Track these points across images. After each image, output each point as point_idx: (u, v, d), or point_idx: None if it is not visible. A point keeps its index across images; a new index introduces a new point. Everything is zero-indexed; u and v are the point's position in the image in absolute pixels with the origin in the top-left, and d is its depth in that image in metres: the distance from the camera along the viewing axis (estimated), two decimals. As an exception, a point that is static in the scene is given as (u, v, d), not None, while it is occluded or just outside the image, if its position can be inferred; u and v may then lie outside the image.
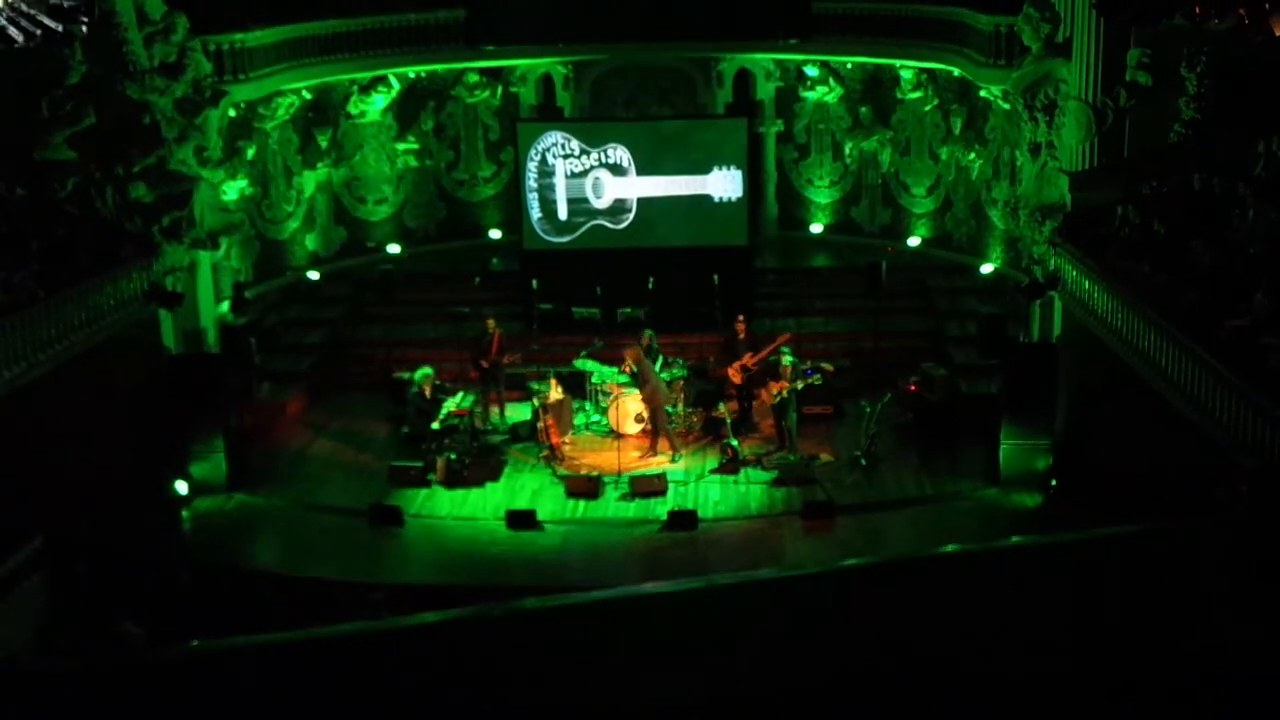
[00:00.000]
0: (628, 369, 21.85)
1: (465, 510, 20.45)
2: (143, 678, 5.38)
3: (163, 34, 22.20)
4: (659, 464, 21.50)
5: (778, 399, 21.62)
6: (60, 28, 23.68)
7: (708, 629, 6.05)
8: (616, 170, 25.91)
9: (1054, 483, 20.27)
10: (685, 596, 11.22)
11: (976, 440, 21.56)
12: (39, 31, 24.16)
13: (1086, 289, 19.65)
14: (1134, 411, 17.84)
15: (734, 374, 22.58)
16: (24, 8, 23.20)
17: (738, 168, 25.89)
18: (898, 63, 27.63)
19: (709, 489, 20.88)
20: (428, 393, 21.98)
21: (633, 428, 22.29)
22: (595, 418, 22.99)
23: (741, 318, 23.11)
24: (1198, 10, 19.21)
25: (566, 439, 22.29)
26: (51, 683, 5.35)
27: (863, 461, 21.33)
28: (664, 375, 22.22)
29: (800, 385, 21.48)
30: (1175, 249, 18.21)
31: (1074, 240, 20.49)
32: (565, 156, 25.92)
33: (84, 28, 21.36)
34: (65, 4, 21.74)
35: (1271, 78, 19.80)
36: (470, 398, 22.61)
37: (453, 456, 21.26)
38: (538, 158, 25.98)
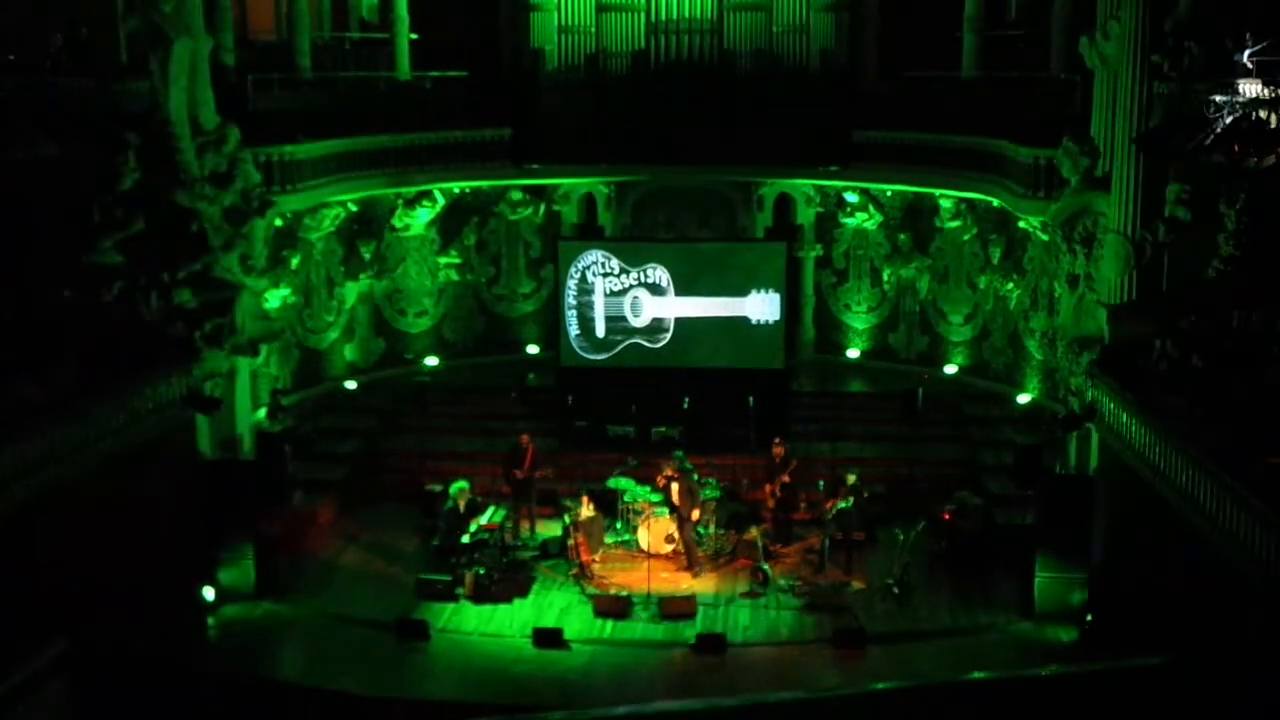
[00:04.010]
0: (662, 481, 22.04)
1: (492, 626, 20.23)
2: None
3: (215, 144, 22.53)
4: (689, 586, 21.25)
5: (832, 514, 21.72)
6: None
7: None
8: (655, 290, 26.04)
9: (1089, 618, 19.87)
10: (710, 715, 11.01)
11: (1010, 572, 21.27)
12: None
13: (1124, 422, 19.42)
14: (1171, 547, 17.51)
15: (765, 494, 22.64)
16: None
17: (776, 291, 25.99)
18: (937, 192, 27.77)
19: (739, 613, 20.63)
20: (461, 506, 21.87)
21: (664, 548, 22.11)
22: (626, 537, 22.80)
23: (778, 440, 23.00)
24: (1236, 149, 19.19)
25: (596, 557, 22.10)
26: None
27: (895, 590, 21.05)
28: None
29: (844, 504, 21.47)
30: (1213, 384, 18.01)
31: (1111, 373, 20.32)
32: (605, 275, 26.10)
33: (139, 135, 21.68)
34: (125, 112, 22.09)
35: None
36: (501, 512, 22.46)
37: (481, 571, 21.10)
38: (578, 275, 26.16)
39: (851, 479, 22.03)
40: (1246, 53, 19.44)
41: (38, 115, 20.56)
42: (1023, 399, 26.29)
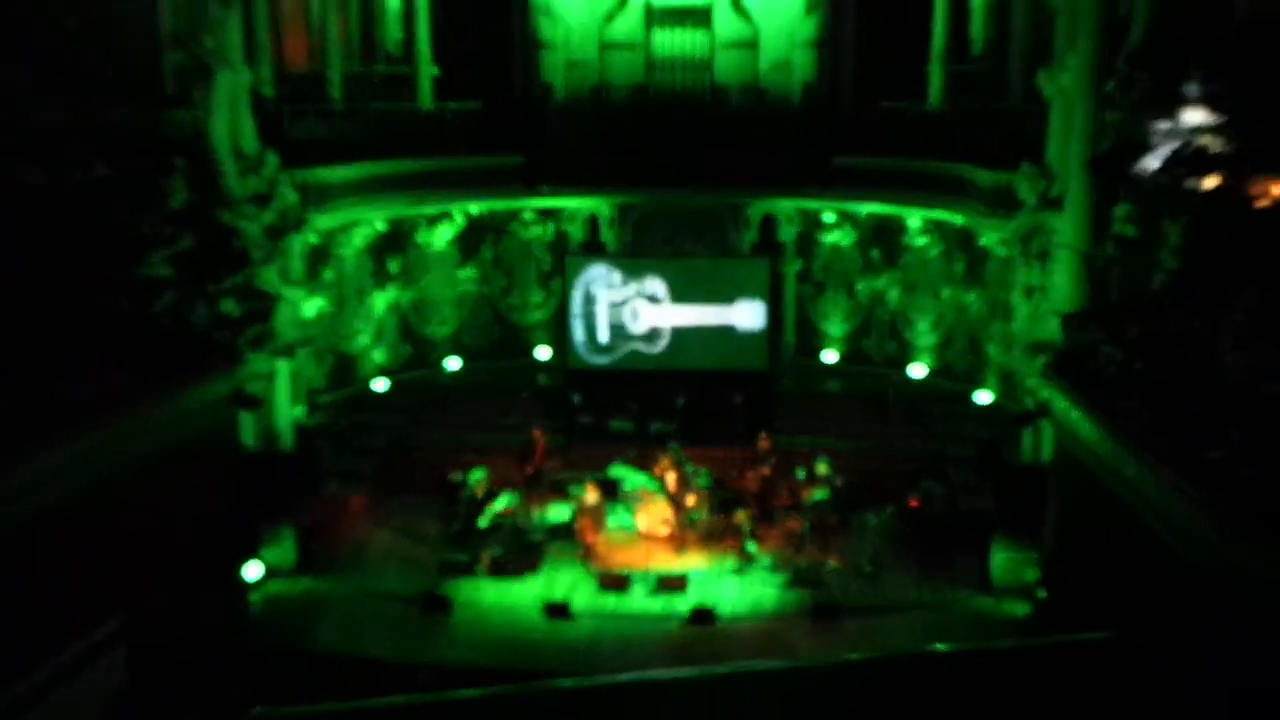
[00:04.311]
0: (659, 470, 22.38)
1: (507, 600, 20.65)
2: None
3: (254, 168, 22.78)
4: (682, 565, 21.54)
5: (810, 500, 21.95)
6: None
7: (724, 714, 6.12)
8: (653, 300, 26.31)
9: (1041, 593, 20.15)
10: (703, 684, 11.27)
11: (970, 552, 21.52)
12: None
13: (1074, 420, 19.67)
14: (1114, 530, 17.77)
15: (751, 482, 22.87)
16: None
17: (761, 301, 26.24)
18: (907, 211, 28.00)
19: (727, 589, 20.91)
20: (480, 494, 22.16)
21: (660, 530, 22.39)
22: (626, 520, 23.07)
23: (764, 434, 23.31)
24: (1180, 171, 19.45)
25: (600, 538, 22.35)
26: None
27: (867, 569, 21.37)
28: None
29: (819, 494, 21.72)
30: (1157, 386, 18.24)
31: (1063, 375, 20.54)
32: (608, 287, 26.39)
33: (186, 160, 21.94)
34: (172, 138, 22.35)
35: (1247, 234, 19.94)
36: (515, 499, 22.73)
37: (497, 552, 21.40)
38: (583, 287, 26.45)
39: (823, 468, 22.32)
40: (1191, 84, 19.72)
41: (93, 141, 20.77)
42: (983, 398, 26.49)
